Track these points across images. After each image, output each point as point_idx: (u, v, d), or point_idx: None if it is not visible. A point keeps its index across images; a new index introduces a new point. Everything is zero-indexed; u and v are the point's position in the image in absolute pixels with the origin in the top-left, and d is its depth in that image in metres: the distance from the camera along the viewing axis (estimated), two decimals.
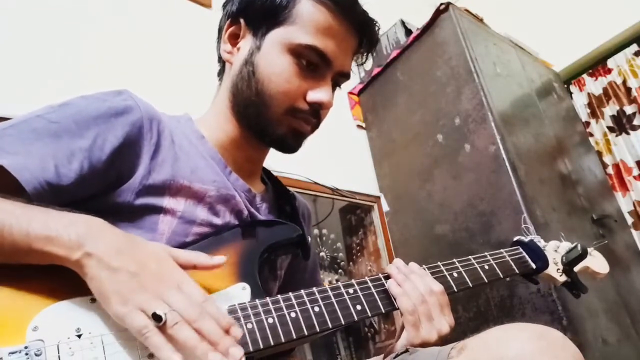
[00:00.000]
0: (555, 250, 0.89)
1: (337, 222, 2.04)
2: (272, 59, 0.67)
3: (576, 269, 0.87)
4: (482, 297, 1.55)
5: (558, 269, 0.86)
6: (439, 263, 0.73)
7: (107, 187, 0.59)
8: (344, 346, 1.74)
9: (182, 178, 0.64)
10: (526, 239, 0.87)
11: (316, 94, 0.67)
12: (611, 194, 2.25)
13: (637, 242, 2.13)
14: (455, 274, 0.73)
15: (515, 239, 0.89)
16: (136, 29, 1.56)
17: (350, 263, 1.96)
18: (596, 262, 0.91)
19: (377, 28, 0.74)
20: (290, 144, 0.71)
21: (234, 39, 0.72)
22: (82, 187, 0.57)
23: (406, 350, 0.63)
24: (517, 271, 0.81)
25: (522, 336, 0.49)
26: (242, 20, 0.71)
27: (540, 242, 0.88)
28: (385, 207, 1.99)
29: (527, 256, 0.84)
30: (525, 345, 0.48)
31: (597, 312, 1.49)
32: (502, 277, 0.77)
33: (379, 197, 2.01)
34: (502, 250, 0.82)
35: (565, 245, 0.90)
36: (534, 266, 0.83)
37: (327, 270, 1.84)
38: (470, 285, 0.73)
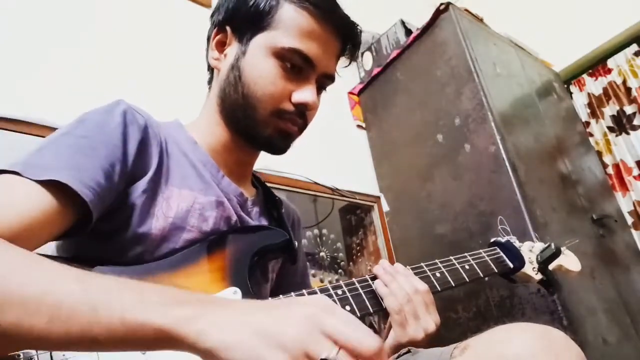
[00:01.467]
0: (530, 250, 0.92)
1: (337, 222, 2.04)
2: (257, 63, 0.69)
3: (550, 267, 0.91)
4: (482, 297, 1.55)
5: (534, 268, 0.89)
6: (422, 264, 0.75)
7: (124, 189, 0.61)
8: None
9: (172, 185, 0.66)
10: (503, 240, 0.91)
11: (301, 95, 0.69)
12: (611, 194, 2.25)
13: (637, 242, 2.13)
14: (438, 274, 0.75)
15: (492, 240, 0.92)
16: (136, 29, 1.56)
17: (350, 263, 1.96)
18: (569, 260, 0.95)
19: (359, 31, 0.75)
20: (278, 145, 0.73)
21: (221, 46, 0.75)
22: (116, 195, 0.59)
23: (408, 351, 0.64)
24: (495, 270, 0.83)
25: (525, 335, 0.50)
26: (228, 28, 0.73)
27: (516, 243, 0.91)
28: (385, 207, 1.99)
29: (504, 256, 0.87)
30: (527, 345, 0.48)
31: (597, 312, 1.49)
32: (482, 276, 0.80)
33: (379, 197, 2.01)
34: (480, 250, 0.85)
35: (539, 246, 0.93)
36: (511, 265, 0.86)
37: (327, 270, 1.84)
38: (453, 285, 0.75)
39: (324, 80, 0.73)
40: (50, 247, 0.71)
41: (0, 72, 1.21)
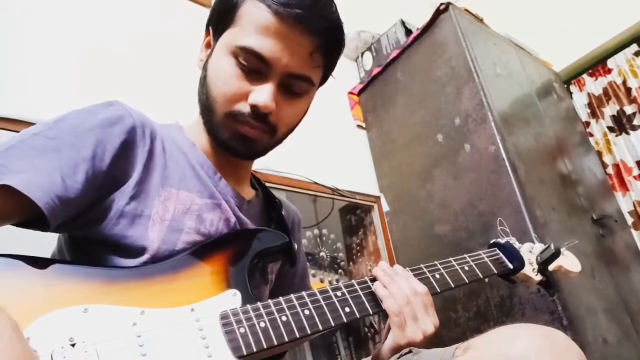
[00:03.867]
0: (530, 251, 0.92)
1: (337, 222, 2.04)
2: (217, 62, 0.67)
3: (550, 268, 0.90)
4: (482, 297, 1.55)
5: (533, 269, 0.89)
6: (421, 265, 0.75)
7: (103, 192, 0.60)
8: (344, 346, 1.74)
9: (170, 186, 0.65)
10: (502, 241, 0.90)
11: (252, 96, 0.64)
12: (611, 194, 2.25)
13: (637, 242, 2.13)
14: (437, 275, 0.75)
15: (492, 241, 0.92)
16: (136, 29, 1.56)
17: (350, 263, 1.96)
18: (569, 261, 0.95)
19: (334, 24, 0.67)
20: (237, 149, 0.69)
21: (208, 48, 0.73)
22: (86, 197, 0.57)
23: (410, 351, 0.64)
24: (495, 271, 0.83)
25: (527, 335, 0.50)
26: (210, 28, 0.72)
27: (516, 244, 0.91)
28: (385, 207, 1.99)
29: (504, 257, 0.87)
30: (529, 344, 0.49)
31: (597, 312, 1.49)
32: (481, 277, 0.80)
33: (379, 197, 2.01)
34: (480, 252, 0.85)
35: (539, 246, 0.93)
36: (511, 266, 0.86)
37: (327, 270, 1.84)
38: (452, 286, 0.75)
39: (292, 81, 0.66)
40: (51, 250, 0.71)
41: (0, 72, 1.21)
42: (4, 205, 0.51)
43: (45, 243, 0.70)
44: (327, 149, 1.93)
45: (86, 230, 0.60)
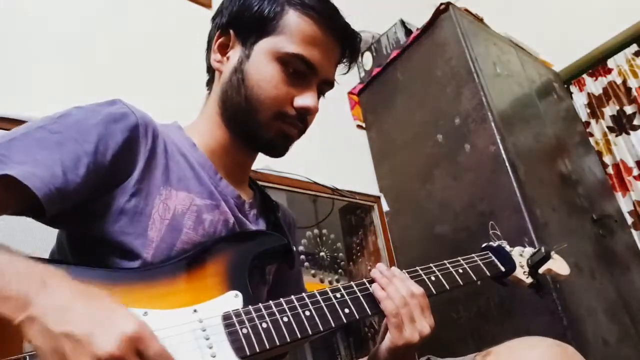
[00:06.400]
0: (521, 254, 0.94)
1: (337, 222, 2.03)
2: (261, 67, 0.70)
3: (540, 271, 0.93)
4: (482, 297, 1.56)
5: (524, 272, 0.91)
6: (417, 267, 0.77)
7: (103, 188, 0.60)
8: (344, 346, 1.74)
9: (170, 186, 0.66)
10: (494, 244, 0.93)
11: (303, 100, 0.71)
12: (611, 194, 2.25)
13: (637, 242, 2.13)
14: (433, 278, 0.76)
15: (484, 245, 0.94)
16: (135, 29, 1.56)
17: (350, 263, 1.96)
18: (558, 264, 0.98)
19: (358, 39, 0.78)
20: (278, 148, 0.75)
21: (224, 49, 0.75)
22: (85, 191, 0.58)
23: (428, 359, 0.66)
24: (488, 274, 0.85)
25: (542, 344, 0.61)
26: (231, 32, 0.74)
27: (507, 247, 0.94)
28: (385, 207, 1.99)
29: (496, 260, 0.88)
30: (544, 352, 0.59)
31: (597, 312, 1.49)
32: (475, 279, 0.82)
33: (379, 197, 2.01)
34: (473, 255, 0.87)
35: (529, 250, 0.96)
36: (503, 269, 0.88)
37: (327, 270, 1.84)
38: (448, 288, 0.77)
39: (324, 86, 0.76)
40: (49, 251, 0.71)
41: (0, 71, 1.21)
42: (3, 194, 0.52)
43: (48, 239, 0.70)
44: (327, 149, 1.94)
45: (87, 227, 0.60)
